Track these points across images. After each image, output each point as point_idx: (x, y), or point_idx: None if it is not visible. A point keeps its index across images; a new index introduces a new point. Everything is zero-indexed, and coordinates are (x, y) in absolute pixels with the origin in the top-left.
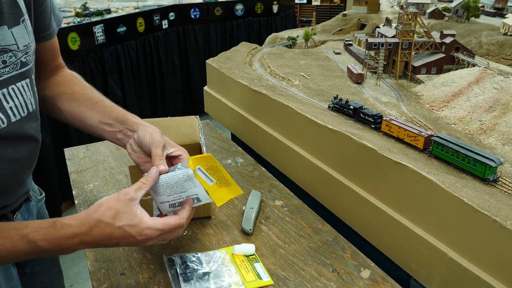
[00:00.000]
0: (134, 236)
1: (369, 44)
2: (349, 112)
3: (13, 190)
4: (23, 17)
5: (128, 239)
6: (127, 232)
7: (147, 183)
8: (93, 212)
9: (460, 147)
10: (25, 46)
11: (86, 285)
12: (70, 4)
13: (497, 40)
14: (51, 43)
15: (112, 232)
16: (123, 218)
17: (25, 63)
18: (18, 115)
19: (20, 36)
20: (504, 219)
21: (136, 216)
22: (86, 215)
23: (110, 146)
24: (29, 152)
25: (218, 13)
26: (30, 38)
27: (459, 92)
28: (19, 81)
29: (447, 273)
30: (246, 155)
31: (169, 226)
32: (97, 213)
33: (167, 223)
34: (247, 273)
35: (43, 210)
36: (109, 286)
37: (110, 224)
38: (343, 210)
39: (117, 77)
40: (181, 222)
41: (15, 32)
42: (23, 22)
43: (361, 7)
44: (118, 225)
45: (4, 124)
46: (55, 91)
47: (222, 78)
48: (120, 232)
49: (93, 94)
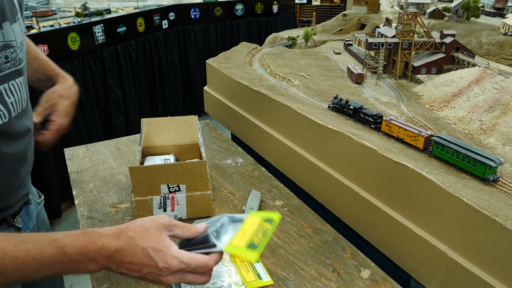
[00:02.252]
0: (156, 262)
1: (369, 44)
2: (349, 112)
3: (15, 189)
4: (17, 15)
5: (149, 267)
6: (150, 257)
7: (188, 232)
8: (125, 227)
9: (460, 147)
10: (20, 43)
11: (86, 285)
12: (70, 4)
13: (497, 40)
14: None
15: (135, 251)
16: (149, 239)
17: (21, 60)
18: (16, 111)
19: (17, 33)
20: (504, 219)
21: (163, 242)
22: (117, 228)
23: (110, 146)
24: (27, 146)
25: (218, 13)
26: (22, 37)
27: (459, 92)
28: (17, 77)
29: (447, 273)
30: (246, 155)
31: (197, 263)
32: (129, 228)
33: (195, 258)
34: (247, 273)
35: (43, 213)
36: (109, 286)
37: (135, 241)
38: (343, 210)
39: (117, 77)
40: (210, 262)
41: (14, 28)
42: (18, 20)
43: (361, 7)
44: (142, 245)
45: (6, 119)
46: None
47: (222, 78)
48: (143, 254)
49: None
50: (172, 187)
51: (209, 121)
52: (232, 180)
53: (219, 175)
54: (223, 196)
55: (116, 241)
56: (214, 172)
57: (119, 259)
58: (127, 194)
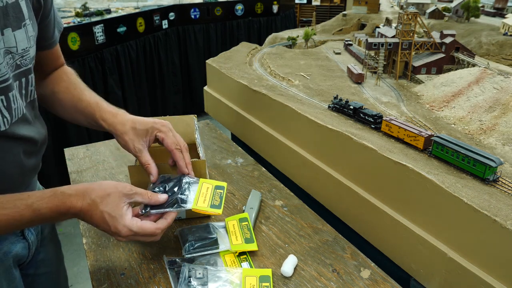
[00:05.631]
0: (109, 226)
1: (369, 44)
2: (349, 112)
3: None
4: (24, 21)
5: (103, 227)
6: (105, 220)
7: (149, 199)
8: (91, 189)
9: (460, 147)
10: (22, 49)
11: (86, 285)
12: (70, 4)
13: (497, 40)
14: (53, 50)
15: (95, 213)
16: (108, 204)
17: (19, 66)
18: (16, 117)
19: (20, 40)
20: (504, 219)
21: (119, 210)
22: (84, 189)
23: (110, 146)
24: (30, 151)
25: (218, 13)
26: (29, 43)
27: (459, 92)
28: (15, 81)
29: (447, 273)
30: (246, 155)
31: (144, 231)
32: (94, 191)
33: (143, 227)
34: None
35: None
36: (109, 286)
37: (96, 204)
38: (343, 210)
39: (117, 77)
40: (157, 232)
41: (16, 35)
42: (24, 27)
43: (361, 7)
44: (101, 209)
45: (8, 125)
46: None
47: (222, 78)
48: (100, 216)
49: (74, 93)
50: None
51: (209, 121)
52: (232, 180)
53: (219, 175)
54: None
55: (81, 201)
56: (214, 172)
57: (82, 216)
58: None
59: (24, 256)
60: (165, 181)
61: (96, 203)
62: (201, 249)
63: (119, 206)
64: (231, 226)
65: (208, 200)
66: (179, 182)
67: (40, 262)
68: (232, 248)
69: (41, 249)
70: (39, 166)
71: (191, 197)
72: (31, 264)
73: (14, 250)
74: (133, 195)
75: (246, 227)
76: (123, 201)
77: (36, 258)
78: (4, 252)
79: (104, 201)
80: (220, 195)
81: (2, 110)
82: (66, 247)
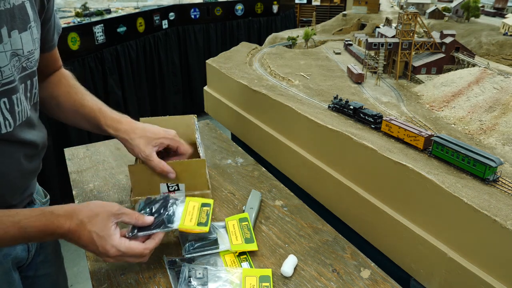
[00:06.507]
0: (97, 246)
1: (369, 44)
2: (349, 112)
3: (18, 193)
4: (30, 23)
5: (91, 246)
6: (93, 240)
7: (136, 220)
8: (79, 209)
9: (460, 147)
10: (28, 52)
11: (86, 285)
12: (70, 4)
13: (497, 40)
14: (52, 53)
15: (83, 233)
16: (96, 224)
17: (25, 68)
18: (20, 120)
19: (26, 42)
20: (504, 219)
21: (107, 230)
22: (72, 210)
23: (110, 146)
24: (31, 155)
25: (218, 13)
26: (34, 46)
27: (459, 92)
28: (21, 84)
29: (447, 273)
30: (246, 155)
31: (132, 252)
32: (81, 211)
33: (131, 247)
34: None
35: None
36: (109, 286)
37: (84, 224)
38: (343, 210)
39: (117, 77)
40: (145, 252)
41: (23, 37)
42: (30, 29)
43: (361, 7)
44: (89, 229)
45: (11, 128)
46: (42, 94)
47: (222, 78)
48: (88, 237)
49: (75, 97)
50: (171, 186)
51: (209, 121)
52: (232, 180)
53: (219, 175)
54: (223, 196)
55: (69, 222)
56: (214, 172)
57: (69, 237)
58: (127, 194)
59: (23, 258)
60: (151, 203)
61: (84, 223)
62: (201, 249)
63: (107, 226)
64: (231, 226)
65: (195, 218)
66: (165, 202)
67: (39, 264)
68: (232, 248)
69: (41, 251)
70: (39, 169)
71: (177, 217)
72: (30, 266)
73: (13, 252)
74: (121, 215)
75: (246, 227)
76: (111, 220)
77: (35, 260)
78: (4, 254)
79: (93, 221)
80: (207, 212)
81: (4, 113)
82: (66, 247)
